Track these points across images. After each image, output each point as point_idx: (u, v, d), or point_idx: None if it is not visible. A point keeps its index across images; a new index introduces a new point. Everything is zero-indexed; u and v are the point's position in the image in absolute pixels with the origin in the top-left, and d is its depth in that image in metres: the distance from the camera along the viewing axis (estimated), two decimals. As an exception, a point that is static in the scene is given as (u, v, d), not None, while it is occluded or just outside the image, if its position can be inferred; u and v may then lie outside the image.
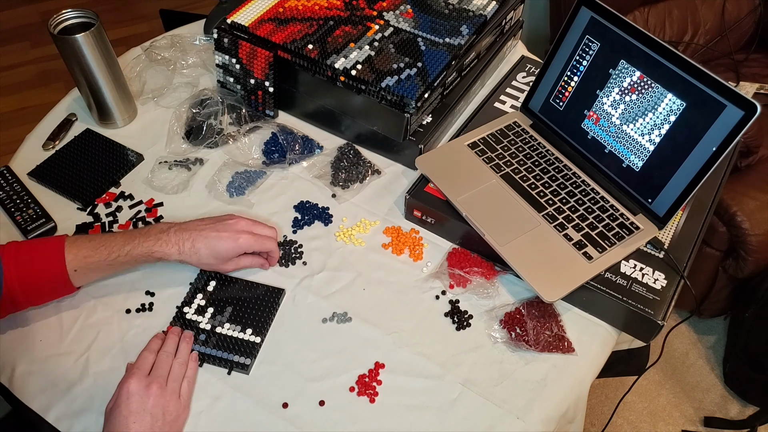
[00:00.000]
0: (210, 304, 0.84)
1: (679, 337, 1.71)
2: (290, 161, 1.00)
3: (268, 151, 1.02)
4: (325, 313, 0.84)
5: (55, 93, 2.18)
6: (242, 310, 0.83)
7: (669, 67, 0.80)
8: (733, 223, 1.42)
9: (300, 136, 1.03)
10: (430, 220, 0.92)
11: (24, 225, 0.90)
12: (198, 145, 1.02)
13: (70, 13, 0.98)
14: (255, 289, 0.85)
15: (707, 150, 0.78)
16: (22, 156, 1.03)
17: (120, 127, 1.07)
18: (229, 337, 0.80)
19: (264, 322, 0.82)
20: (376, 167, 1.01)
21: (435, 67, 0.97)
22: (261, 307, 0.83)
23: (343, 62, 0.96)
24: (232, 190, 0.97)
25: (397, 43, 1.00)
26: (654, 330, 0.81)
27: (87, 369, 0.78)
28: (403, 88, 0.93)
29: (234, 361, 0.78)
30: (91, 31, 0.94)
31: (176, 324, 0.82)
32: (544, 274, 0.81)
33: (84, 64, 0.97)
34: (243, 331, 0.81)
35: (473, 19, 1.06)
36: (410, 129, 0.96)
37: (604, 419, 1.54)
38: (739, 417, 1.55)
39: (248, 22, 1.02)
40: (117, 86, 1.02)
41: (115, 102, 1.03)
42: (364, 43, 0.99)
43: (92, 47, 0.95)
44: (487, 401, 0.76)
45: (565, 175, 0.92)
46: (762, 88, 1.66)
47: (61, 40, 0.94)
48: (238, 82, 1.06)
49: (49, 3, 2.74)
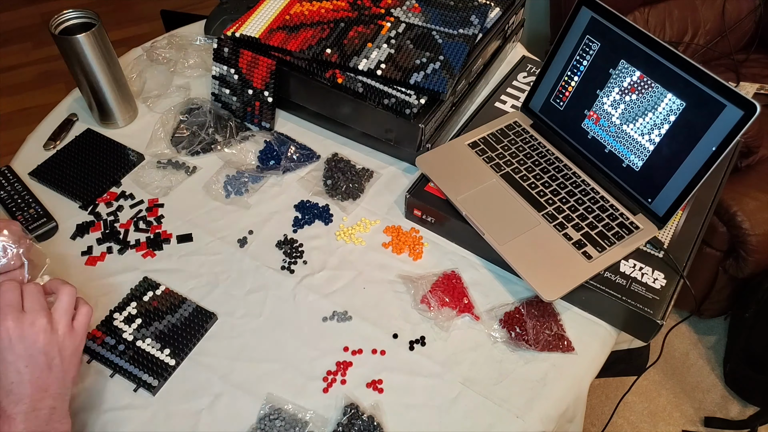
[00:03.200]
0: (140, 314, 0.81)
1: (679, 338, 1.71)
2: (285, 169, 0.99)
3: (263, 158, 1.01)
4: (325, 311, 0.84)
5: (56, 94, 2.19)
6: (169, 328, 0.80)
7: (669, 67, 0.80)
8: (733, 223, 1.42)
9: (295, 146, 1.01)
10: (431, 220, 0.92)
11: (25, 224, 0.91)
12: (181, 152, 1.02)
13: (72, 13, 0.98)
14: (188, 307, 0.82)
15: (707, 150, 0.79)
16: (23, 156, 1.03)
17: (121, 127, 1.07)
18: (146, 353, 0.78)
19: (185, 345, 0.79)
20: (370, 171, 1.01)
21: (457, 59, 0.97)
22: (188, 329, 0.81)
23: (365, 63, 0.96)
24: (230, 189, 0.97)
25: (414, 39, 1.01)
26: (653, 329, 0.81)
27: (88, 368, 0.78)
28: (432, 82, 0.93)
29: (142, 379, 0.76)
30: (92, 31, 0.95)
31: (102, 328, 0.80)
32: (543, 273, 0.81)
33: (85, 65, 0.97)
34: (161, 350, 0.78)
35: (480, 8, 1.06)
36: (424, 140, 0.96)
37: (604, 419, 1.55)
38: (739, 417, 1.55)
39: (258, 33, 1.00)
40: (118, 86, 1.02)
41: (116, 102, 1.04)
42: (381, 42, 0.99)
43: (93, 47, 0.96)
44: (486, 400, 0.76)
45: (565, 175, 0.93)
46: (762, 89, 1.66)
47: (62, 40, 0.94)
48: (234, 94, 1.05)
49: (50, 4, 2.75)
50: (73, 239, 0.91)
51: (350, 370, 0.79)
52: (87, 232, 0.92)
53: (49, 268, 0.71)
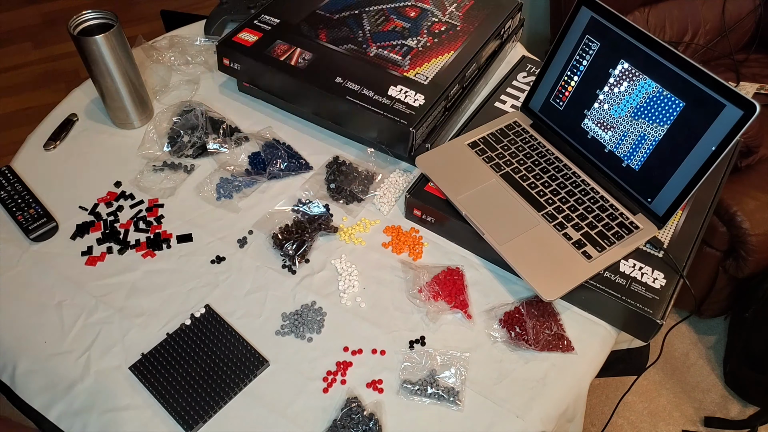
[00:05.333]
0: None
1: (679, 337, 1.71)
2: (270, 175, 0.99)
3: (253, 163, 1.01)
4: (325, 311, 0.84)
5: (56, 94, 2.19)
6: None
7: (669, 66, 0.80)
8: (733, 223, 1.42)
9: (287, 155, 1.01)
10: (430, 219, 0.92)
11: (25, 224, 0.91)
12: (174, 154, 1.02)
13: (90, 14, 0.98)
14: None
15: (707, 149, 0.79)
16: (24, 156, 1.03)
17: (137, 128, 1.07)
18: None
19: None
20: (372, 172, 1.00)
21: None
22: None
23: None
24: (222, 192, 0.97)
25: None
26: (653, 329, 0.81)
27: (88, 368, 0.78)
28: None
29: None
30: (111, 32, 0.94)
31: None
32: (543, 273, 0.81)
33: (103, 65, 0.97)
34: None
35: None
36: (415, 144, 0.96)
37: (604, 419, 1.54)
38: (739, 417, 1.55)
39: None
40: (135, 88, 1.02)
41: (133, 103, 1.03)
42: None
43: (112, 48, 0.95)
44: (486, 400, 0.76)
45: (564, 175, 0.93)
46: (762, 89, 1.66)
47: (81, 41, 0.94)
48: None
49: (50, 4, 2.75)
50: (73, 239, 0.91)
51: (350, 370, 0.79)
52: (87, 232, 0.92)
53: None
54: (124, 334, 0.81)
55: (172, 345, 0.79)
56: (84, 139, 1.06)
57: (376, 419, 0.73)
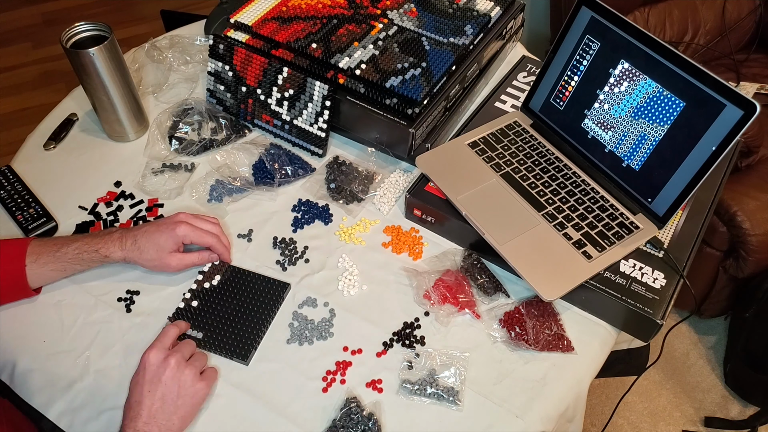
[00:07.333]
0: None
1: (679, 338, 1.71)
2: (279, 183, 0.98)
3: (257, 174, 0.99)
4: (325, 311, 0.84)
5: (56, 94, 2.19)
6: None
7: (669, 66, 0.80)
8: (733, 223, 1.42)
9: (288, 159, 1.00)
10: (430, 219, 0.92)
11: (25, 224, 0.91)
12: (179, 153, 1.02)
13: (84, 26, 0.96)
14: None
15: (707, 149, 0.78)
16: (24, 156, 1.03)
17: (132, 140, 1.05)
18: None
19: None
20: (372, 172, 1.00)
21: (439, 67, 0.97)
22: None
23: (347, 62, 0.96)
24: (214, 195, 0.97)
25: (402, 43, 1.01)
26: (653, 329, 0.81)
27: (88, 367, 0.78)
28: (408, 88, 0.93)
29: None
30: (105, 44, 0.92)
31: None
32: (543, 273, 0.81)
33: (97, 79, 0.95)
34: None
35: (477, 19, 1.06)
36: (415, 144, 0.96)
37: (604, 419, 1.54)
38: (739, 417, 1.55)
39: (251, 21, 1.02)
40: (129, 100, 1.00)
41: (128, 116, 1.02)
42: (368, 42, 0.99)
43: (105, 61, 0.93)
44: (486, 400, 0.76)
45: (564, 175, 0.93)
46: (762, 88, 1.66)
47: (74, 54, 0.92)
48: (228, 90, 1.05)
49: (50, 4, 2.75)
50: (73, 239, 0.91)
51: (350, 370, 0.79)
52: (87, 231, 0.92)
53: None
54: (123, 333, 0.81)
55: (199, 297, 0.85)
56: (84, 139, 1.06)
57: (376, 419, 0.73)
